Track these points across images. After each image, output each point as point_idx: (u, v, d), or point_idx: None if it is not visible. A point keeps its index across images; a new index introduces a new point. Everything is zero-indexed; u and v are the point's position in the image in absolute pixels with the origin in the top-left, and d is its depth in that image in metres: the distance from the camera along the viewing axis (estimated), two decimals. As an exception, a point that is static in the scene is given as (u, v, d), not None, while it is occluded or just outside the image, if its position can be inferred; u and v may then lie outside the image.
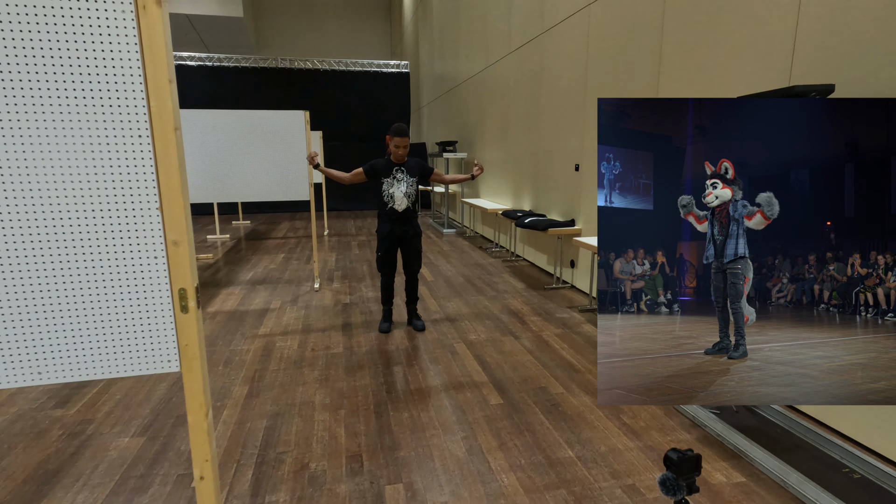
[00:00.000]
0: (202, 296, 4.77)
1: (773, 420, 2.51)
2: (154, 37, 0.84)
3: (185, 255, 0.93)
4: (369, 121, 12.19)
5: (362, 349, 3.47)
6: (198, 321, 0.97)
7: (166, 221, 0.91)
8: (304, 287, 5.11)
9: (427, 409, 2.66)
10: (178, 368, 0.97)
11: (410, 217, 3.63)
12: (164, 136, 0.87)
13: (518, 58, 6.15)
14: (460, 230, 8.87)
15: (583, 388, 2.88)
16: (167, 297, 0.96)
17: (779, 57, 2.61)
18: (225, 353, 3.41)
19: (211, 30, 14.85)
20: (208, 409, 0.98)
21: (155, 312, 0.95)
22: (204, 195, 4.71)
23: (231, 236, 8.39)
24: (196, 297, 0.96)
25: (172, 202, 0.90)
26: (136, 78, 0.86)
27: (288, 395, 2.82)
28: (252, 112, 4.72)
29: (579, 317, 4.15)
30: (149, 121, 0.87)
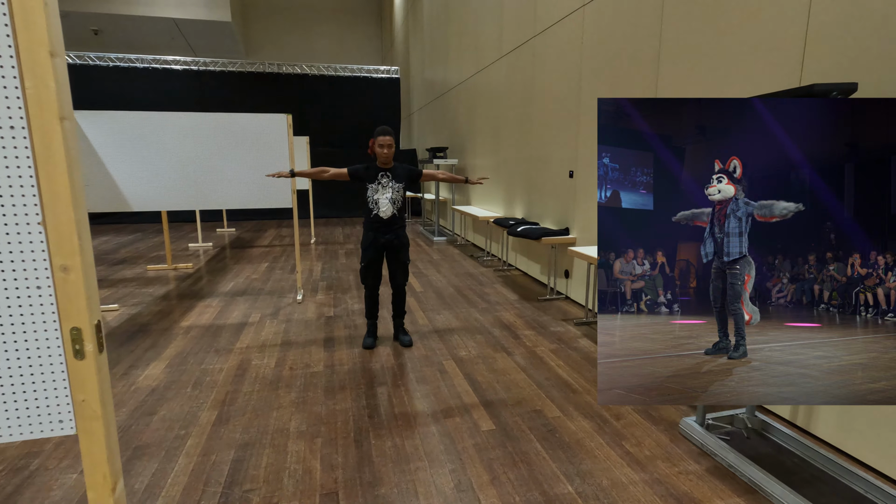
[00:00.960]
0: (178, 308, 4.51)
1: (787, 447, 2.31)
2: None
3: (78, 283, 0.71)
4: (359, 127, 11.98)
5: (344, 367, 3.24)
6: (99, 369, 0.75)
7: (52, 240, 0.69)
8: (286, 299, 4.87)
9: (412, 436, 2.43)
10: (72, 431, 0.75)
11: (396, 226, 3.41)
12: (46, 127, 0.66)
13: (509, 62, 5.99)
14: (451, 238, 8.67)
15: (581, 412, 2.67)
16: (55, 340, 0.73)
17: (789, 55, 2.45)
18: (195, 372, 3.16)
19: (198, 34, 14.60)
20: (116, 481, 0.76)
21: (39, 360, 0.73)
22: (180, 202, 4.46)
23: (214, 244, 8.11)
24: (97, 338, 0.74)
25: (59, 214, 0.68)
26: (4, 50, 0.65)
27: (260, 420, 2.58)
28: (232, 115, 4.49)
29: (575, 330, 3.95)
30: (24, 108, 0.66)
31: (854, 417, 2.21)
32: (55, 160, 0.67)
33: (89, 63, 10.37)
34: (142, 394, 2.86)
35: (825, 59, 2.27)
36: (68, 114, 0.68)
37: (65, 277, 0.71)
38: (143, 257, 7.00)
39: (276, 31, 17.33)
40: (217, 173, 4.51)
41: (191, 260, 6.80)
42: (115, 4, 12.95)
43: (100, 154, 4.27)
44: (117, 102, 10.48)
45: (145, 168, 4.36)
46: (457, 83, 8.35)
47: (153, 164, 4.37)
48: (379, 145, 3.26)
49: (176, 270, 6.17)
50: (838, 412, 2.28)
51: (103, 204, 4.32)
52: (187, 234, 9.19)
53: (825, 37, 2.27)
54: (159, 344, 3.65)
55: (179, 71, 10.93)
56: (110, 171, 4.30)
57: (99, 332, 0.75)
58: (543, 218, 5.33)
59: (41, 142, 0.67)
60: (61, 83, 0.67)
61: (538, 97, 5.27)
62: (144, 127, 4.33)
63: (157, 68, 10.78)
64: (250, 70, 11.34)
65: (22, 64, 0.64)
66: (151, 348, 3.56)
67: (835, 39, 2.23)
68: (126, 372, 3.16)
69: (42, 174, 0.67)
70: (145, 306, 4.60)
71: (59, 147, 0.67)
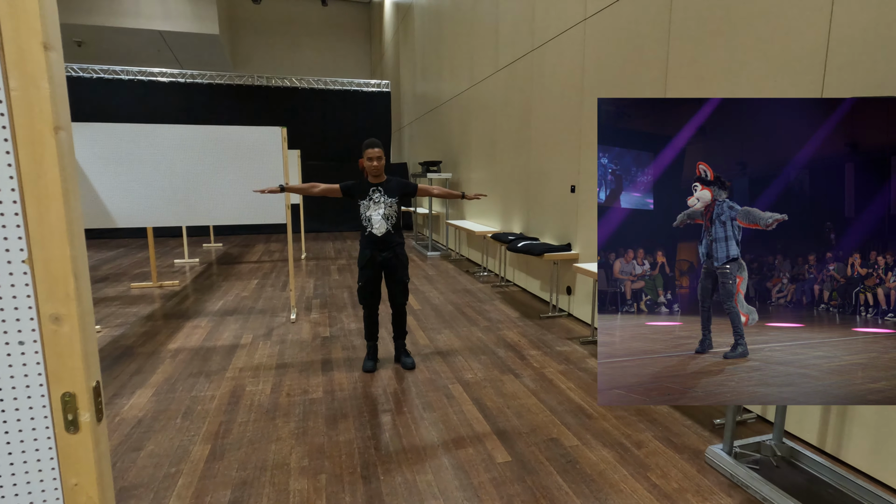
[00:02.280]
0: (165, 330, 4.28)
1: (820, 476, 2.20)
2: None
3: (73, 337, 0.56)
4: (349, 140, 11.84)
5: (345, 393, 3.06)
6: (97, 443, 0.59)
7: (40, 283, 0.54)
8: (279, 318, 4.67)
9: (424, 470, 2.27)
10: (61, 523, 0.59)
11: (393, 242, 3.25)
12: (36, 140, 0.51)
13: (506, 76, 5.93)
14: (445, 253, 8.53)
15: (599, 439, 2.53)
16: (41, 409, 0.57)
17: (810, 68, 2.39)
18: (185, 400, 2.95)
19: (185, 47, 14.40)
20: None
21: (20, 435, 0.56)
22: (168, 219, 4.26)
23: (201, 260, 7.85)
24: (95, 404, 0.58)
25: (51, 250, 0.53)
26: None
27: (258, 455, 2.39)
28: (224, 128, 4.32)
29: (581, 350, 3.83)
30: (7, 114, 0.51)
31: (887, 443, 2.10)
32: (46, 181, 0.52)
33: (71, 74, 10.10)
34: (127, 426, 2.64)
35: (847, 72, 2.21)
36: (65, 123, 0.53)
37: (56, 330, 0.56)
38: (126, 274, 6.73)
39: (264, 44, 17.22)
40: (207, 188, 4.33)
41: (177, 277, 6.55)
42: (100, 16, 12.72)
43: (83, 168, 4.06)
44: (101, 115, 10.21)
45: (132, 182, 4.16)
46: (450, 96, 8.29)
47: (140, 179, 4.18)
48: (367, 158, 3.13)
49: (162, 288, 5.92)
50: (871, 438, 2.18)
51: (86, 220, 4.11)
52: (173, 250, 8.91)
53: (847, 48, 2.21)
54: (145, 369, 3.43)
55: (165, 83, 10.71)
56: (94, 185, 4.10)
57: (98, 396, 0.59)
58: (543, 233, 5.23)
59: (29, 158, 0.51)
60: (57, 84, 0.52)
61: (537, 111, 5.20)
62: (131, 139, 4.14)
63: (143, 80, 10.55)
64: (238, 83, 11.16)
65: (6, 58, 0.49)
66: (137, 374, 3.34)
67: (858, 50, 2.17)
68: (109, 401, 2.93)
69: (29, 199, 0.52)
70: (129, 327, 4.36)
71: (52, 164, 0.52)
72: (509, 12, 5.77)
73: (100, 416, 0.62)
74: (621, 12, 3.79)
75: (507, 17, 5.85)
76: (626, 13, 3.74)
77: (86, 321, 0.58)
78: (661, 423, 2.68)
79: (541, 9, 5.02)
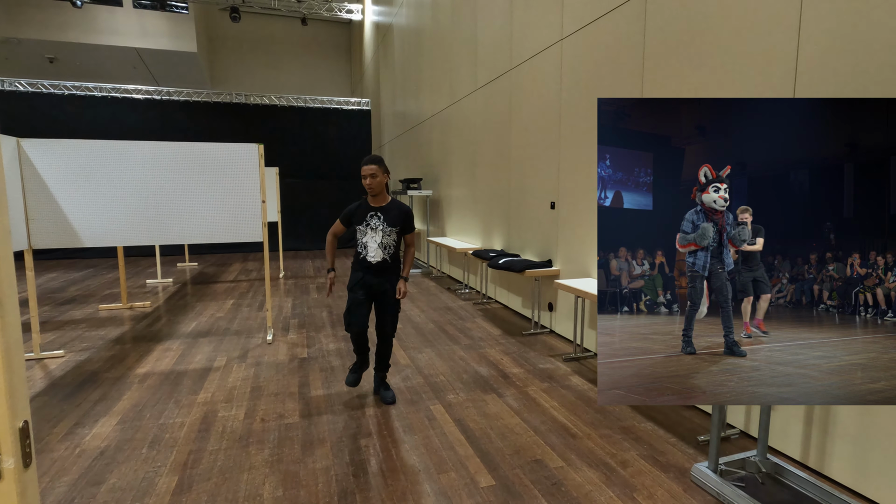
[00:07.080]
0: (133, 353, 4.10)
1: (805, 492, 2.18)
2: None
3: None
4: (329, 158, 11.77)
5: (323, 417, 2.95)
6: (23, 493, 0.52)
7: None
8: (254, 339, 4.52)
9: (404, 498, 2.17)
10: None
11: (389, 273, 3.03)
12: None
13: (485, 95, 5.99)
14: (426, 270, 8.47)
15: (584, 460, 2.48)
16: (-46, 456, 0.50)
17: (782, 79, 2.44)
18: (152, 429, 2.80)
19: (162, 64, 14.26)
20: None
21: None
22: (139, 237, 4.12)
23: (175, 280, 7.63)
24: (22, 448, 0.51)
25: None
26: None
27: (229, 486, 2.26)
28: (199, 144, 4.23)
29: (564, 367, 3.79)
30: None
31: (867, 457, 2.10)
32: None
33: (42, 91, 9.85)
34: (88, 458, 2.49)
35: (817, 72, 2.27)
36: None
37: (-26, 364, 0.49)
38: (94, 296, 6.48)
39: (243, 63, 17.16)
40: (181, 206, 4.20)
41: (149, 298, 6.33)
42: (74, 32, 12.52)
43: (48, 185, 3.91)
44: (73, 132, 9.95)
45: (100, 200, 4.02)
46: (430, 114, 8.33)
47: (109, 196, 4.04)
48: (362, 176, 2.95)
49: (132, 310, 5.70)
50: (852, 452, 2.17)
51: (50, 239, 3.94)
52: (145, 270, 8.65)
53: (818, 51, 2.27)
54: (110, 395, 3.26)
55: (141, 100, 10.52)
56: (60, 203, 3.94)
57: (26, 437, 0.52)
58: (524, 250, 5.23)
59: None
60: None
61: (516, 129, 5.24)
62: (99, 156, 4.01)
63: (117, 97, 10.34)
64: (216, 100, 11.03)
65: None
66: (101, 401, 3.17)
67: (828, 50, 2.23)
68: (70, 431, 2.77)
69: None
70: (95, 351, 4.17)
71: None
72: (488, 32, 5.85)
73: (27, 461, 0.54)
74: (597, 32, 3.86)
75: (485, 37, 5.92)
76: (601, 32, 3.81)
77: (11, 353, 0.51)
78: (645, 441, 2.64)
79: (518, 29, 5.10)
